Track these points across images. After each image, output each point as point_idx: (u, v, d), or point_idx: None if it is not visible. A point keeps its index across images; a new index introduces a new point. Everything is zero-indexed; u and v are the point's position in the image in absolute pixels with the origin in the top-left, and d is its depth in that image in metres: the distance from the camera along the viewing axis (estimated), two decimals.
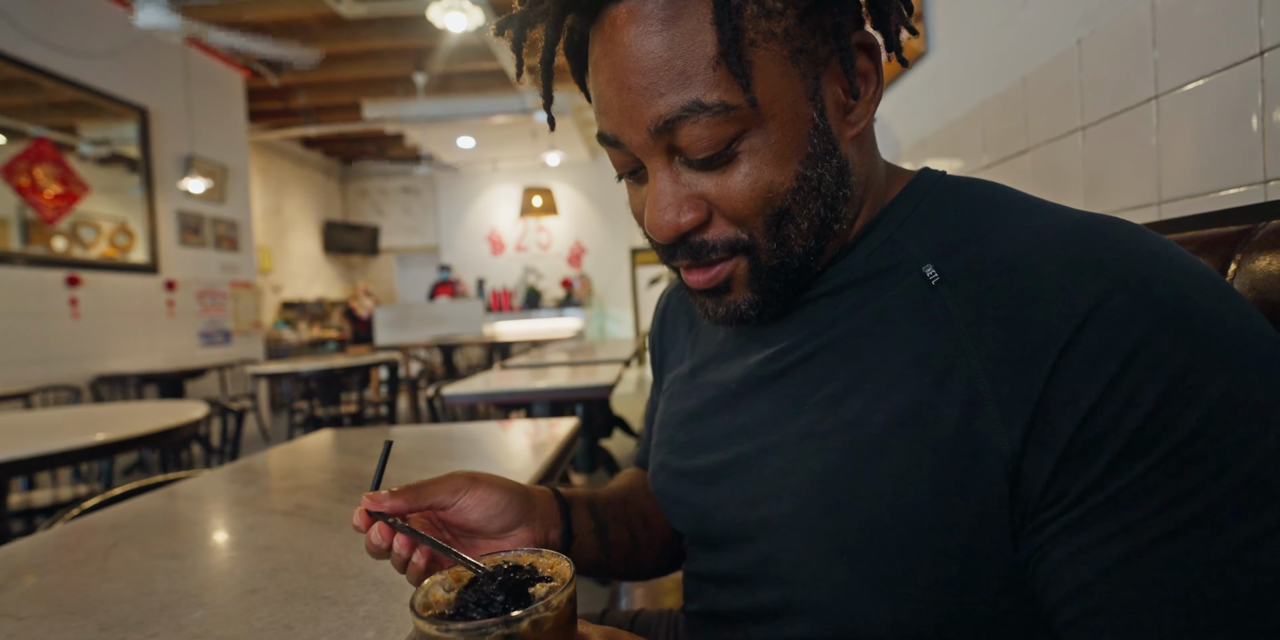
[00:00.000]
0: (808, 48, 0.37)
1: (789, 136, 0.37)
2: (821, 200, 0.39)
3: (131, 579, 0.59)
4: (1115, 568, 0.29)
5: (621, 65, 0.37)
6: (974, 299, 0.35)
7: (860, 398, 0.38)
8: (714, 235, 0.40)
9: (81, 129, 3.99)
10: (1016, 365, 0.32)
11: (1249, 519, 0.27)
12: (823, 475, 0.38)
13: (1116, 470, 0.29)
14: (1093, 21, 0.86)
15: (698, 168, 0.38)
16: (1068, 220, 0.36)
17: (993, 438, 0.32)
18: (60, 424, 1.77)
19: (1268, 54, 0.60)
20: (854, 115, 0.40)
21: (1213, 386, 0.28)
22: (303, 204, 7.81)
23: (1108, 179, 0.84)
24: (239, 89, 5.30)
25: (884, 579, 0.35)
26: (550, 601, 0.29)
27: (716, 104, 0.35)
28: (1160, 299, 0.30)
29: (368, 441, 1.23)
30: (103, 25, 3.98)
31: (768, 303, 0.42)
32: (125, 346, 4.04)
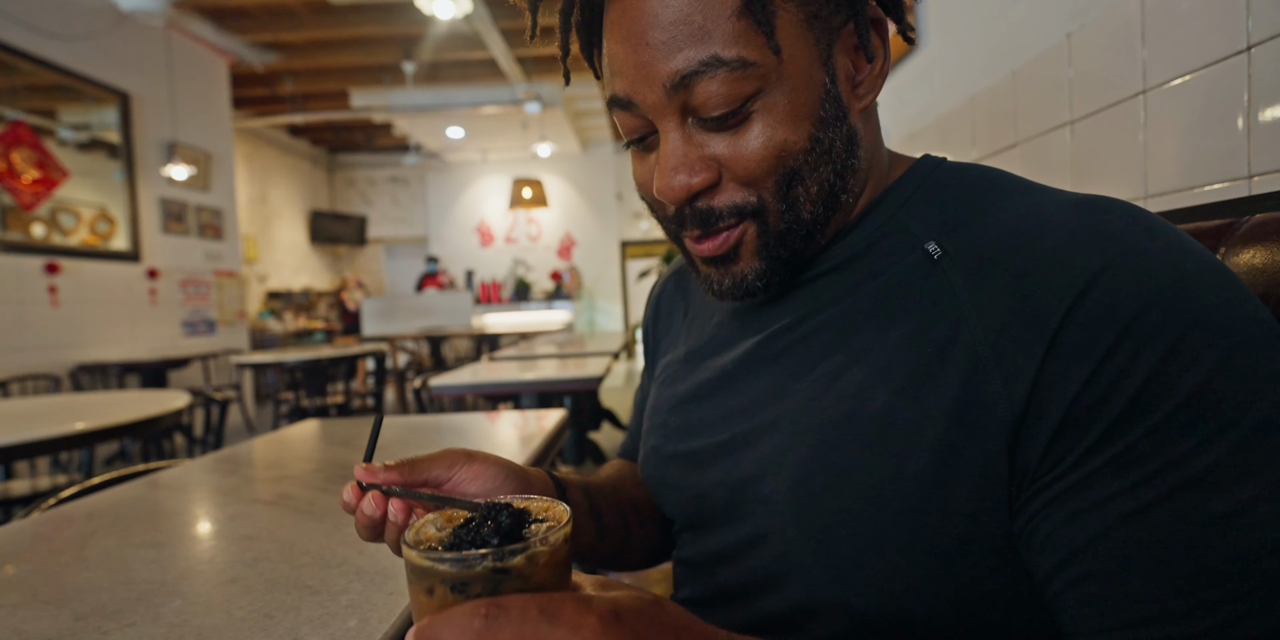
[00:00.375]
0: (822, 14, 0.38)
1: (802, 98, 0.38)
2: (831, 166, 0.39)
3: (109, 568, 0.58)
4: (1112, 529, 0.30)
5: (641, 21, 0.37)
6: (976, 271, 0.36)
7: (862, 370, 0.38)
8: (722, 200, 0.40)
9: (61, 113, 3.91)
10: (1018, 333, 0.33)
11: (1247, 480, 0.28)
12: (823, 449, 0.38)
13: (1115, 434, 0.30)
14: (1082, 16, 0.86)
15: (710, 128, 0.39)
16: (1067, 198, 0.37)
17: (994, 404, 0.33)
18: (39, 413, 1.74)
19: (1254, 50, 0.60)
20: (861, 89, 0.41)
21: (1210, 352, 0.29)
22: (289, 193, 7.71)
23: (1095, 173, 0.84)
24: (224, 75, 5.21)
25: (883, 551, 0.35)
26: (547, 537, 0.28)
27: (735, 59, 0.36)
28: (1158, 269, 0.31)
29: (354, 432, 1.22)
30: (83, 7, 3.89)
31: (774, 272, 0.42)
32: (106, 335, 3.98)
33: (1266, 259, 0.40)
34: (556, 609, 0.25)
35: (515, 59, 5.38)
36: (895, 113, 1.53)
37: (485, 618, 0.25)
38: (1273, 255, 0.39)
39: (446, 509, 0.33)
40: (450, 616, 0.25)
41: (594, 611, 0.26)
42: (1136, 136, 0.76)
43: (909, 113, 1.46)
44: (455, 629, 0.25)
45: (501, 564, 0.27)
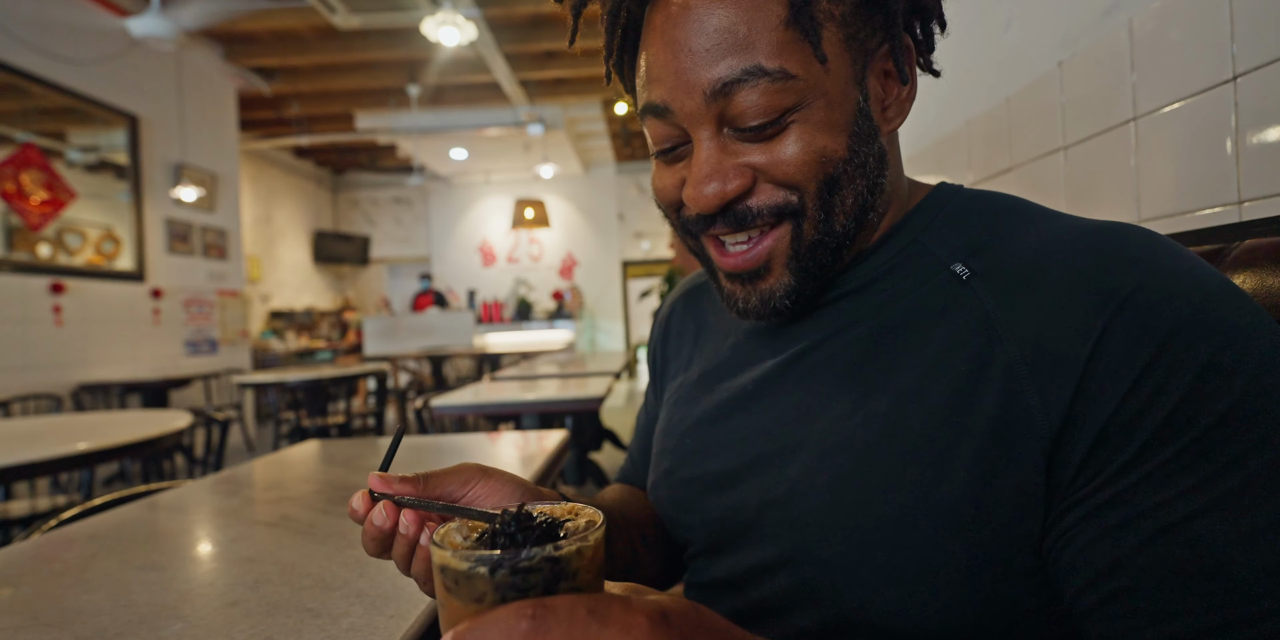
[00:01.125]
0: (859, 36, 0.39)
1: (839, 114, 0.39)
2: (865, 180, 0.40)
3: (110, 591, 0.58)
4: (1146, 544, 0.30)
5: (685, 27, 0.38)
6: (1007, 291, 0.36)
7: (893, 390, 0.38)
8: (761, 201, 0.40)
9: (70, 135, 3.97)
10: (1055, 350, 0.33)
11: (1274, 497, 0.29)
12: (855, 469, 0.38)
13: (1151, 451, 0.31)
14: (1073, 44, 0.88)
15: (746, 138, 0.39)
16: (1089, 224, 0.38)
17: (1033, 420, 0.33)
18: (40, 433, 1.74)
19: (1240, 80, 0.62)
20: (890, 111, 0.42)
21: (1242, 372, 0.30)
22: (293, 213, 7.78)
23: (1089, 198, 0.86)
24: (231, 98, 5.30)
25: (920, 571, 0.35)
26: (587, 535, 0.27)
27: (777, 70, 0.37)
28: (1187, 291, 0.32)
29: (354, 453, 1.21)
30: (95, 32, 3.97)
31: (803, 288, 0.42)
32: (109, 355, 3.98)
33: (1256, 284, 0.40)
34: (605, 609, 0.24)
35: (518, 82, 5.47)
36: None
37: (532, 618, 0.23)
38: (1263, 280, 0.40)
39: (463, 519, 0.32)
40: (494, 618, 0.24)
41: (642, 612, 0.25)
42: (1128, 162, 0.77)
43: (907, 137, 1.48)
44: (500, 631, 0.23)
45: (551, 557, 0.25)
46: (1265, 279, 0.40)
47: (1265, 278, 0.40)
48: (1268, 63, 0.59)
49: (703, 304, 0.61)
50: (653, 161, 0.46)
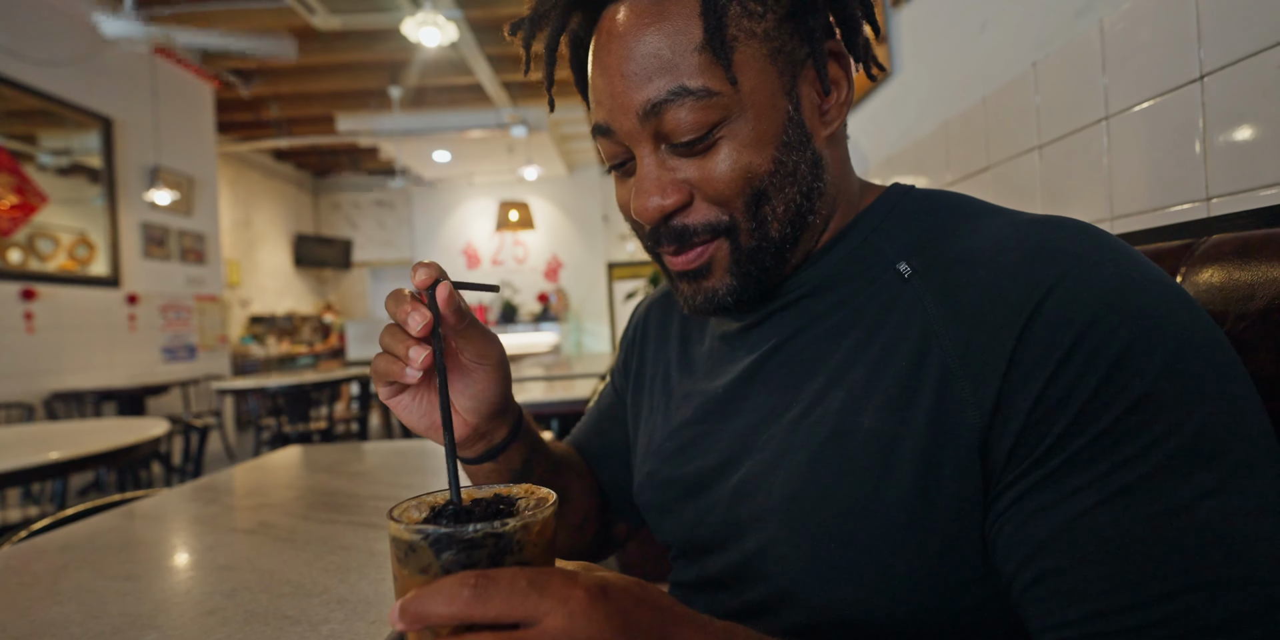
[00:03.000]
0: (785, 49, 0.41)
1: (765, 125, 0.41)
2: (796, 187, 0.42)
3: (82, 602, 0.56)
4: (1067, 527, 0.31)
5: (617, 55, 0.41)
6: (943, 287, 0.38)
7: (845, 387, 0.40)
8: (696, 218, 0.43)
9: (41, 138, 3.89)
10: (984, 342, 0.35)
11: (1192, 479, 0.30)
12: (810, 464, 0.39)
13: (1070, 436, 0.32)
14: (1046, 46, 0.89)
15: (681, 153, 0.42)
16: (1026, 218, 0.39)
17: (965, 410, 0.35)
18: (10, 442, 1.70)
19: (1206, 79, 0.63)
20: (828, 116, 0.44)
21: (1156, 359, 0.31)
22: (273, 217, 7.68)
23: (1064, 196, 0.87)
24: (208, 99, 5.22)
25: (871, 565, 0.36)
26: (535, 513, 0.28)
27: (700, 89, 0.39)
28: (1108, 281, 0.33)
29: (337, 458, 1.20)
30: (66, 33, 3.90)
31: (745, 289, 0.44)
32: (83, 362, 3.90)
33: (1224, 278, 0.41)
34: (545, 581, 0.26)
35: (501, 84, 5.45)
36: (873, 138, 1.57)
37: (474, 587, 0.25)
38: (1229, 274, 0.41)
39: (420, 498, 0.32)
40: (438, 587, 0.25)
41: (581, 585, 0.26)
42: (1101, 160, 0.79)
43: (886, 138, 1.50)
44: (443, 599, 0.25)
45: (494, 532, 0.27)
46: (1232, 272, 0.41)
47: (1232, 271, 0.41)
48: (1232, 63, 0.60)
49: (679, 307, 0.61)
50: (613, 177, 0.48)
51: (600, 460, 0.64)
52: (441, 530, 0.27)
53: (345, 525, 0.76)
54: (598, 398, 0.69)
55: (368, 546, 0.68)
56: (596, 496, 0.64)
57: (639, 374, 0.62)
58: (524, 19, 0.47)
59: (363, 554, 0.66)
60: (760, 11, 0.40)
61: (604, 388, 0.68)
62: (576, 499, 0.61)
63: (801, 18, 0.41)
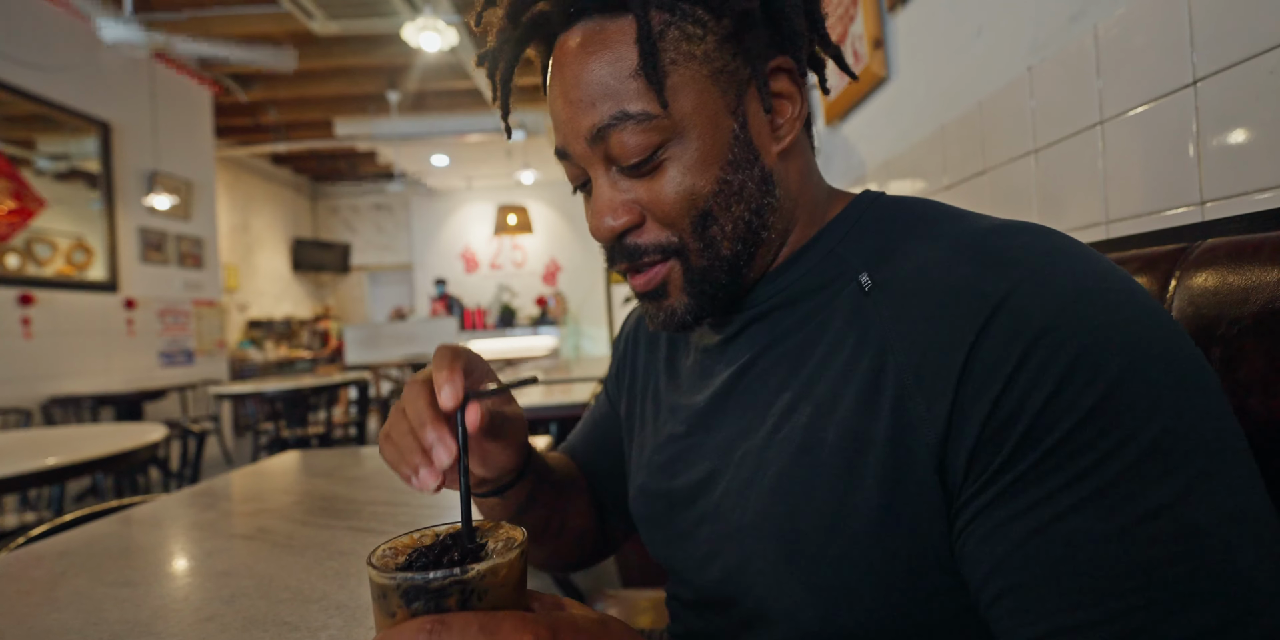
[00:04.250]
0: (728, 69, 0.42)
1: (709, 145, 0.41)
2: (744, 205, 0.42)
3: (80, 609, 0.56)
4: (1023, 543, 0.31)
5: (566, 82, 0.42)
6: (899, 301, 0.38)
7: (811, 403, 0.40)
8: (647, 239, 0.44)
9: (39, 143, 3.89)
10: (937, 358, 0.34)
11: (1148, 492, 0.29)
12: (778, 482, 0.39)
13: (1024, 450, 0.31)
14: (1041, 50, 0.90)
15: (630, 174, 0.43)
16: (986, 225, 0.38)
17: (921, 427, 0.34)
18: (8, 448, 1.70)
19: (1200, 83, 0.64)
20: (780, 131, 0.44)
21: (1108, 369, 0.30)
22: (271, 221, 7.68)
23: (1060, 200, 0.87)
24: (207, 104, 5.23)
25: (841, 581, 0.36)
26: (500, 558, 0.29)
27: (640, 113, 0.40)
28: (1060, 290, 0.32)
29: (335, 463, 1.20)
30: (65, 38, 3.90)
31: (703, 307, 0.45)
32: (80, 367, 3.89)
33: (1218, 282, 0.41)
34: (496, 626, 0.27)
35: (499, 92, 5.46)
36: (870, 142, 1.58)
37: (429, 633, 0.26)
38: (1223, 278, 0.41)
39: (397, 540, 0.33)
40: (399, 631, 0.27)
41: (529, 629, 0.27)
42: (1096, 164, 0.79)
43: (883, 141, 1.50)
44: None
45: (459, 580, 0.28)
46: (1225, 276, 0.41)
47: (1225, 275, 0.41)
48: (1226, 68, 0.61)
49: None
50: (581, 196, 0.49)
51: (596, 469, 0.64)
52: (408, 577, 0.28)
53: (344, 530, 0.76)
54: (592, 406, 0.69)
55: (366, 552, 0.68)
56: (594, 508, 0.64)
57: (630, 384, 0.62)
58: (489, 50, 0.48)
59: (361, 559, 0.66)
60: (700, 34, 0.40)
61: (598, 396, 0.68)
62: (576, 515, 0.61)
63: (741, 38, 0.42)
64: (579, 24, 0.42)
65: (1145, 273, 0.48)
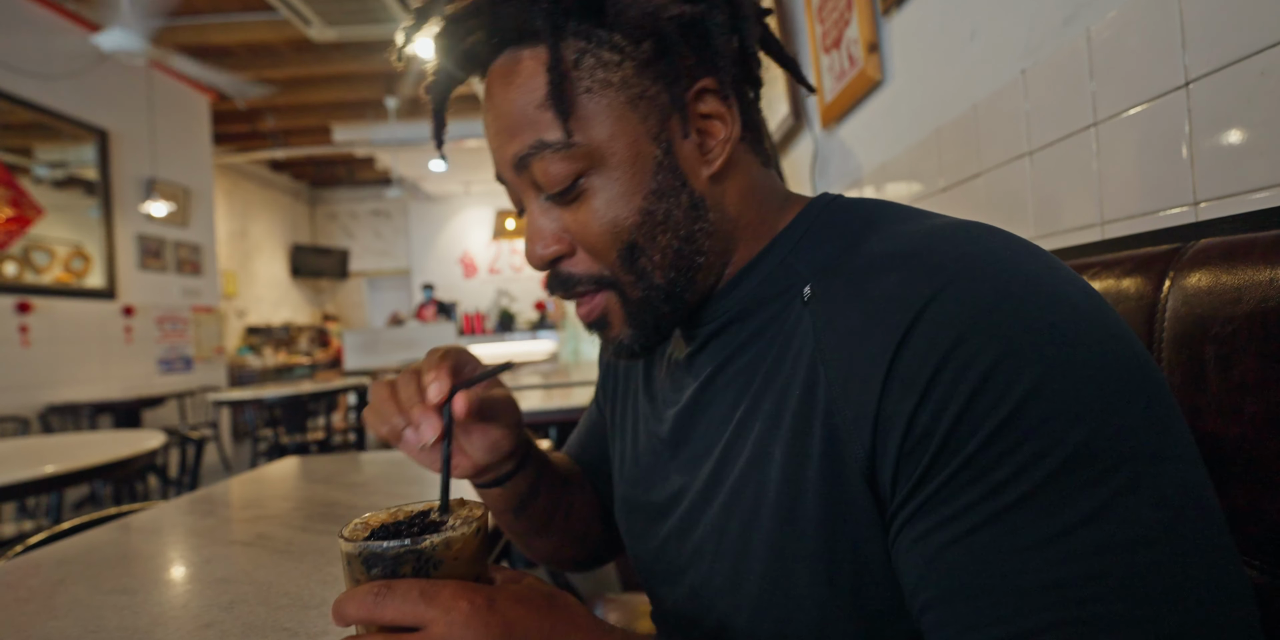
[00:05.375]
0: (648, 94, 0.41)
1: (630, 174, 0.40)
2: (671, 233, 0.41)
3: (79, 616, 0.56)
4: (939, 558, 0.30)
5: (491, 112, 0.43)
6: (832, 312, 0.37)
7: (760, 419, 0.39)
8: (580, 269, 0.44)
9: (37, 151, 3.89)
10: (861, 372, 0.33)
11: (1062, 508, 0.28)
12: (732, 497, 0.40)
13: (940, 463, 0.30)
14: (1035, 53, 0.91)
15: (557, 203, 0.42)
16: (924, 228, 0.37)
17: (850, 447, 0.34)
18: (5, 456, 1.69)
19: (1192, 85, 0.64)
20: (711, 154, 0.43)
21: (1022, 380, 0.29)
22: (269, 227, 7.68)
23: (1055, 201, 0.88)
24: (204, 111, 5.24)
25: (790, 597, 0.36)
26: (450, 533, 0.32)
27: (557, 141, 0.40)
28: (981, 297, 0.31)
29: (335, 469, 1.20)
30: (63, 46, 3.91)
31: (649, 337, 0.44)
32: (79, 375, 3.88)
33: (1211, 282, 0.42)
34: (435, 592, 0.30)
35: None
36: (866, 145, 1.58)
37: (375, 595, 0.30)
38: (1216, 278, 0.41)
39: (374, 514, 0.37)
40: (353, 593, 0.31)
41: (467, 597, 0.30)
42: (1091, 166, 0.79)
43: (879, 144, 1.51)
44: (355, 604, 0.31)
45: (414, 549, 0.31)
46: (1219, 276, 0.41)
47: (1219, 275, 0.41)
48: (1217, 69, 0.61)
49: None
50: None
51: (595, 472, 0.65)
52: (367, 546, 0.31)
53: None
54: (588, 411, 0.69)
55: None
56: (598, 506, 0.65)
57: (613, 393, 0.62)
58: (430, 84, 0.48)
59: None
60: (616, 61, 0.40)
61: (592, 402, 0.69)
62: (579, 511, 0.62)
63: (661, 62, 0.40)
64: (503, 53, 0.42)
65: (1139, 273, 0.48)
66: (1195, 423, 0.41)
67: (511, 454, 0.51)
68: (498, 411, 0.47)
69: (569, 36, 0.40)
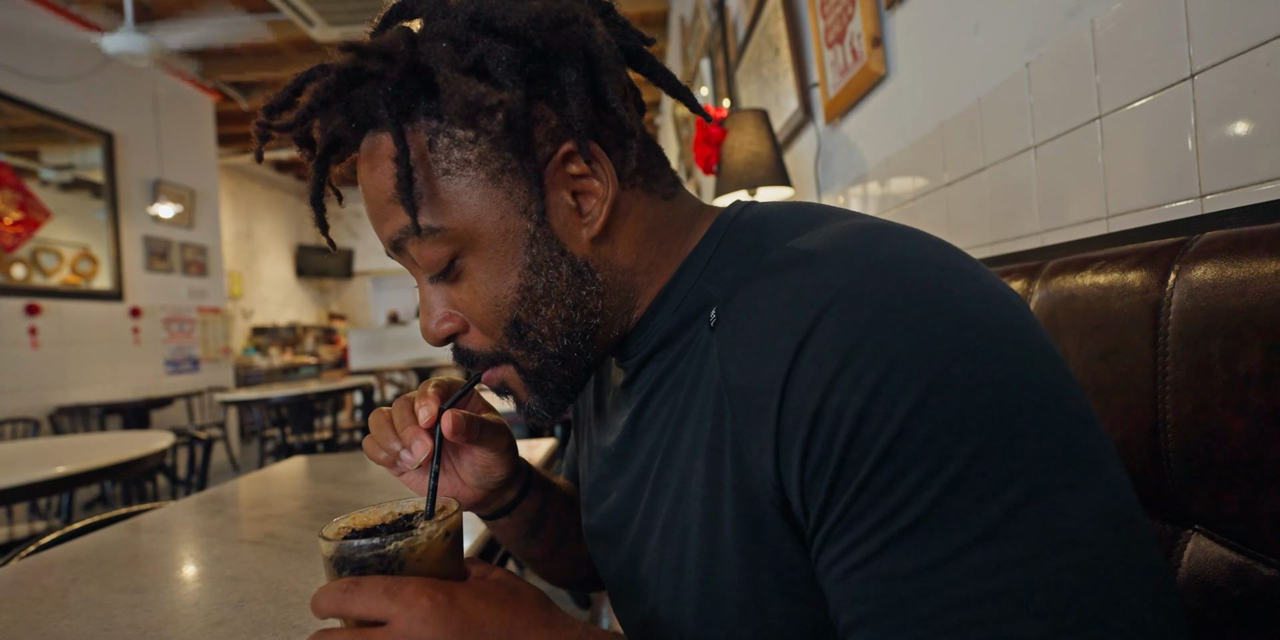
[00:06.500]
0: (510, 167, 0.39)
1: (502, 251, 0.39)
2: (557, 303, 0.40)
3: (91, 615, 0.57)
4: (845, 583, 0.30)
5: (363, 197, 0.42)
6: (731, 338, 0.36)
7: (682, 451, 0.39)
8: (475, 345, 0.43)
9: (43, 154, 3.92)
10: (757, 400, 0.33)
11: (958, 526, 0.27)
12: (665, 532, 0.40)
13: (837, 491, 0.30)
14: (1039, 46, 0.90)
15: (441, 283, 0.42)
16: (816, 241, 0.36)
17: (756, 480, 0.33)
18: (16, 457, 1.71)
19: (1197, 77, 0.64)
20: (589, 217, 0.41)
21: (906, 398, 0.28)
22: (274, 228, 7.71)
23: (1060, 195, 0.87)
24: (209, 113, 5.25)
25: (725, 624, 0.36)
26: (418, 535, 0.34)
27: (425, 227, 0.39)
28: (863, 315, 0.30)
29: (341, 468, 1.20)
30: (68, 50, 3.93)
31: (553, 402, 0.44)
32: (87, 376, 3.91)
33: (1216, 275, 0.41)
34: (399, 589, 0.32)
35: None
36: (870, 139, 1.58)
37: (344, 591, 0.32)
38: (1221, 271, 0.41)
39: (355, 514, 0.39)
40: (326, 589, 0.33)
41: (428, 593, 0.32)
42: (1096, 159, 0.79)
43: (883, 139, 1.50)
44: (327, 598, 0.32)
45: (375, 554, 0.33)
46: (1224, 269, 0.41)
47: (1224, 268, 0.41)
48: (1222, 61, 0.61)
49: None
50: None
51: None
52: (340, 547, 0.33)
53: None
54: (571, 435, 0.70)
55: None
56: None
57: (577, 419, 0.62)
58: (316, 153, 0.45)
59: None
60: (471, 137, 0.38)
61: None
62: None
63: (516, 134, 0.37)
64: (365, 137, 0.41)
65: (1144, 267, 0.48)
66: (1201, 416, 0.41)
67: (509, 482, 0.51)
68: (489, 434, 0.46)
69: (420, 117, 0.38)
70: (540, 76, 0.39)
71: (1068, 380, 0.30)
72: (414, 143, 0.38)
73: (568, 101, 0.39)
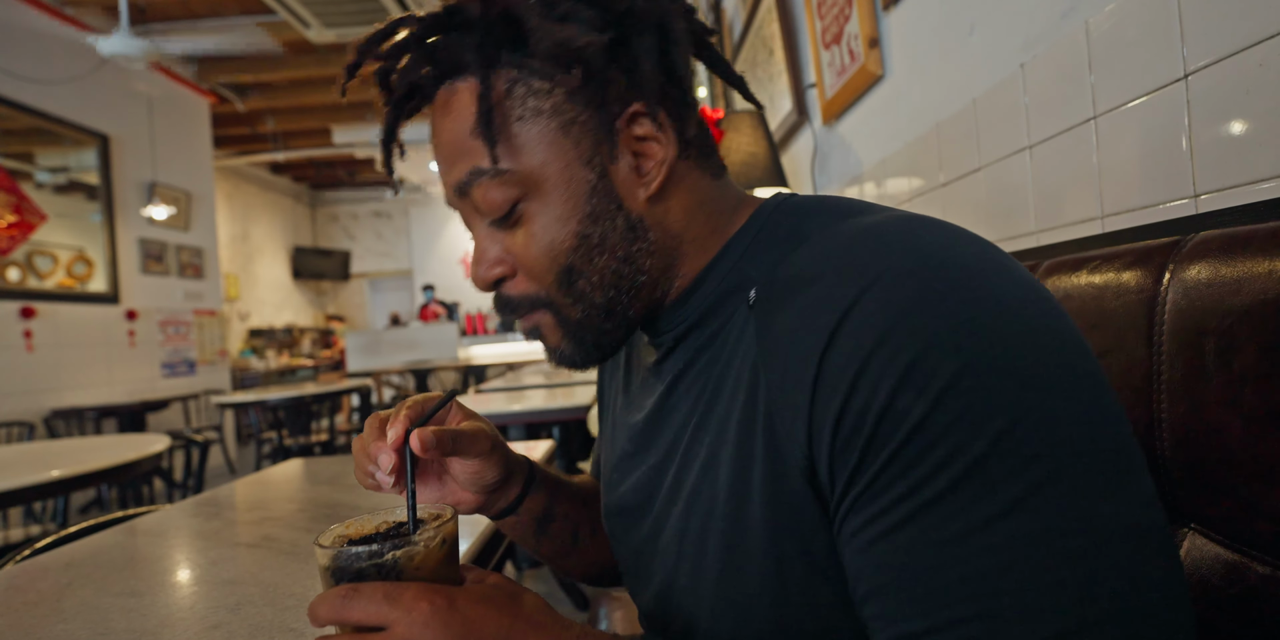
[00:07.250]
0: (580, 120, 0.41)
1: (564, 198, 0.41)
2: (609, 255, 0.42)
3: (87, 619, 0.57)
4: (868, 553, 0.31)
5: (434, 142, 0.44)
6: (771, 314, 0.37)
7: (713, 424, 0.40)
8: (517, 291, 0.45)
9: (38, 156, 3.91)
10: (795, 371, 0.34)
11: (982, 500, 0.28)
12: (690, 503, 0.41)
13: (866, 462, 0.31)
14: (1033, 47, 0.90)
15: (498, 228, 0.44)
16: (859, 228, 0.37)
17: (787, 449, 0.34)
18: (11, 461, 1.70)
19: (1191, 77, 0.64)
20: (647, 177, 0.43)
21: (939, 377, 0.29)
22: (271, 230, 7.70)
23: (1055, 195, 0.88)
24: (204, 115, 5.24)
25: (743, 594, 0.37)
26: (416, 542, 0.35)
27: (491, 169, 0.41)
28: (903, 296, 0.31)
29: (339, 470, 1.20)
30: (63, 51, 3.92)
31: (588, 353, 0.46)
32: (83, 379, 3.90)
33: (1211, 274, 0.42)
34: (398, 594, 0.32)
35: None
36: (866, 140, 1.58)
37: (343, 597, 0.33)
38: (1216, 270, 0.41)
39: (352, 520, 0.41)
40: (324, 596, 0.33)
41: (428, 598, 0.32)
42: (1090, 159, 0.79)
43: (879, 139, 1.51)
44: (326, 605, 0.33)
45: (373, 564, 0.34)
46: (1219, 268, 0.41)
47: (1218, 267, 0.41)
48: (1216, 61, 0.61)
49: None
50: None
51: None
52: (338, 556, 0.34)
53: None
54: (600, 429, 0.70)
55: None
56: None
57: (602, 404, 0.63)
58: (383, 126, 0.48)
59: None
60: (546, 88, 0.41)
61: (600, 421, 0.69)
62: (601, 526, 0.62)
63: (590, 89, 0.41)
64: (443, 87, 0.43)
65: (1139, 266, 0.48)
66: (1196, 415, 0.41)
67: (507, 481, 0.52)
68: (464, 445, 0.47)
69: (501, 67, 0.41)
70: (616, 42, 0.41)
71: (1097, 371, 0.31)
72: (495, 87, 0.41)
73: (640, 65, 0.42)
